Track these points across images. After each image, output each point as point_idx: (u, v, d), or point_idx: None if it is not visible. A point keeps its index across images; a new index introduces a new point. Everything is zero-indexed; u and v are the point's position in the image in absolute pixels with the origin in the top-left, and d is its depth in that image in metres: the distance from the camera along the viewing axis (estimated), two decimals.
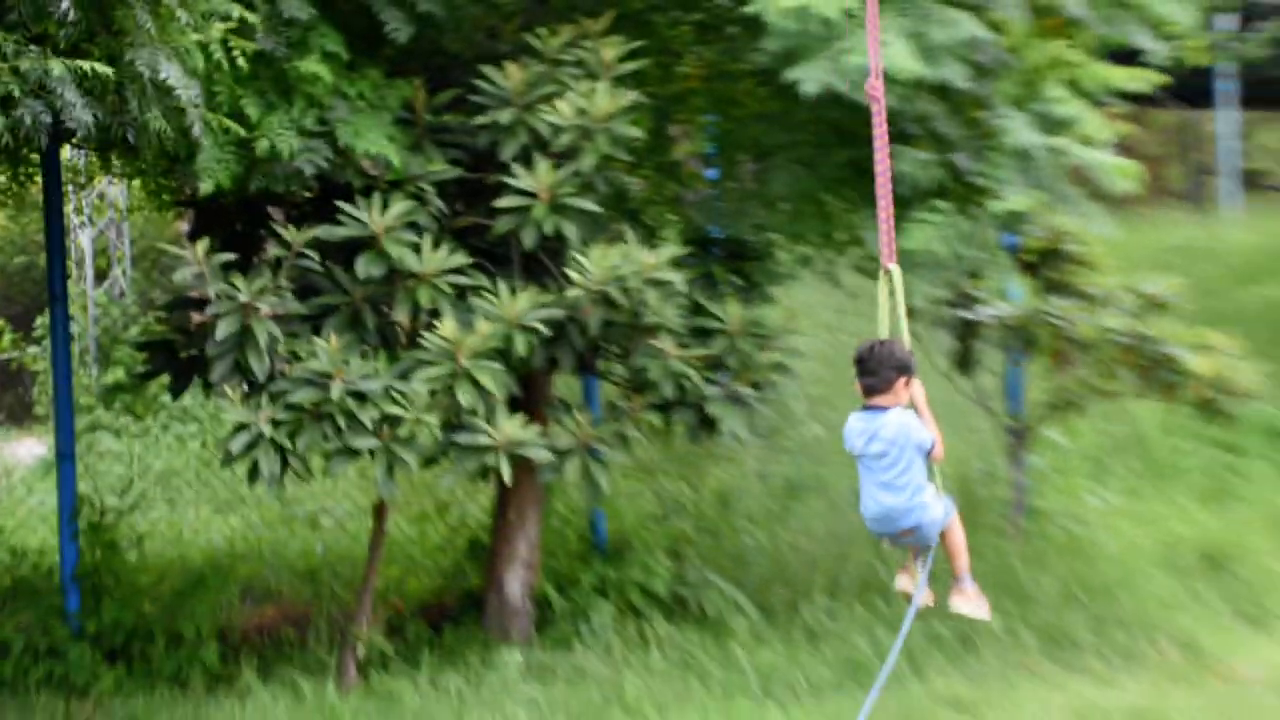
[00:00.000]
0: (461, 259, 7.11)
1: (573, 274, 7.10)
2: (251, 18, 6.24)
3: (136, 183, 10.28)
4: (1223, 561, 10.00)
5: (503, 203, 7.13)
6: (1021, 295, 9.70)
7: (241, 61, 6.25)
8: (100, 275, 18.76)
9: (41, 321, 16.61)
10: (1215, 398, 8.76)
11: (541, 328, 7.08)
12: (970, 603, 6.21)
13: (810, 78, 6.83)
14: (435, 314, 7.06)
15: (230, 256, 6.93)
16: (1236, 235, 16.21)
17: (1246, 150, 24.19)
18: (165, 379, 7.90)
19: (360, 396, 6.82)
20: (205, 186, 6.55)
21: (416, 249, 7.02)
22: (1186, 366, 8.69)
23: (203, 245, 6.84)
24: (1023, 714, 7.67)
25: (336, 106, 6.90)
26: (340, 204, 6.99)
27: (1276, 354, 12.61)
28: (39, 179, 9.16)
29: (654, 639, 8.29)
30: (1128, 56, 8.41)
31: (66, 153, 9.72)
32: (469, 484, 8.29)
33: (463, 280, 7.13)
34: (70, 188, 10.68)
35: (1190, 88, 18.61)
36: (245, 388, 6.94)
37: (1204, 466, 11.43)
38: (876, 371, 5.94)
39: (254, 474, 6.86)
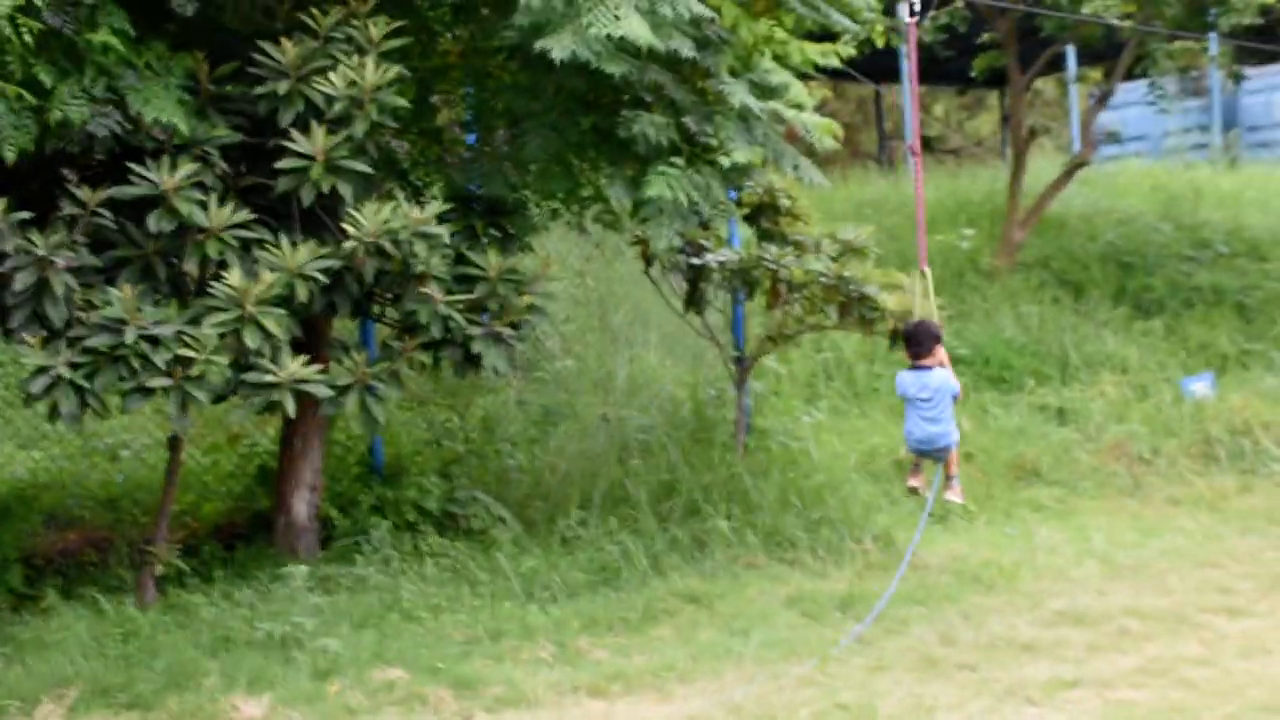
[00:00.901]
0: (246, 215, 6.97)
1: (348, 228, 7.02)
2: None
3: None
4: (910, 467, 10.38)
5: (283, 164, 6.99)
6: (741, 243, 9.90)
7: (28, 37, 6.00)
8: None
9: None
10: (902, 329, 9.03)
11: (320, 277, 7.00)
12: (956, 494, 8.21)
13: (558, 47, 6.86)
14: (223, 265, 6.91)
15: (26, 215, 6.64)
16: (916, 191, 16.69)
17: (923, 119, 25.10)
18: None
19: (154, 340, 6.64)
20: (8, 155, 6.27)
21: (204, 206, 6.85)
22: (879, 303, 8.94)
23: None
24: (748, 603, 7.90)
25: (126, 75, 6.66)
26: (132, 165, 6.77)
27: (949, 291, 13.17)
28: None
29: (428, 551, 8.26)
30: (829, 37, 8.64)
31: None
32: (258, 417, 8.13)
33: (247, 234, 6.98)
34: None
35: (879, 65, 19.17)
36: (45, 334, 6.70)
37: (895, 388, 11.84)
38: (922, 343, 7.88)
39: (54, 413, 6.63)
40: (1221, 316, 13.91)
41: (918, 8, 8.49)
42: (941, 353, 7.91)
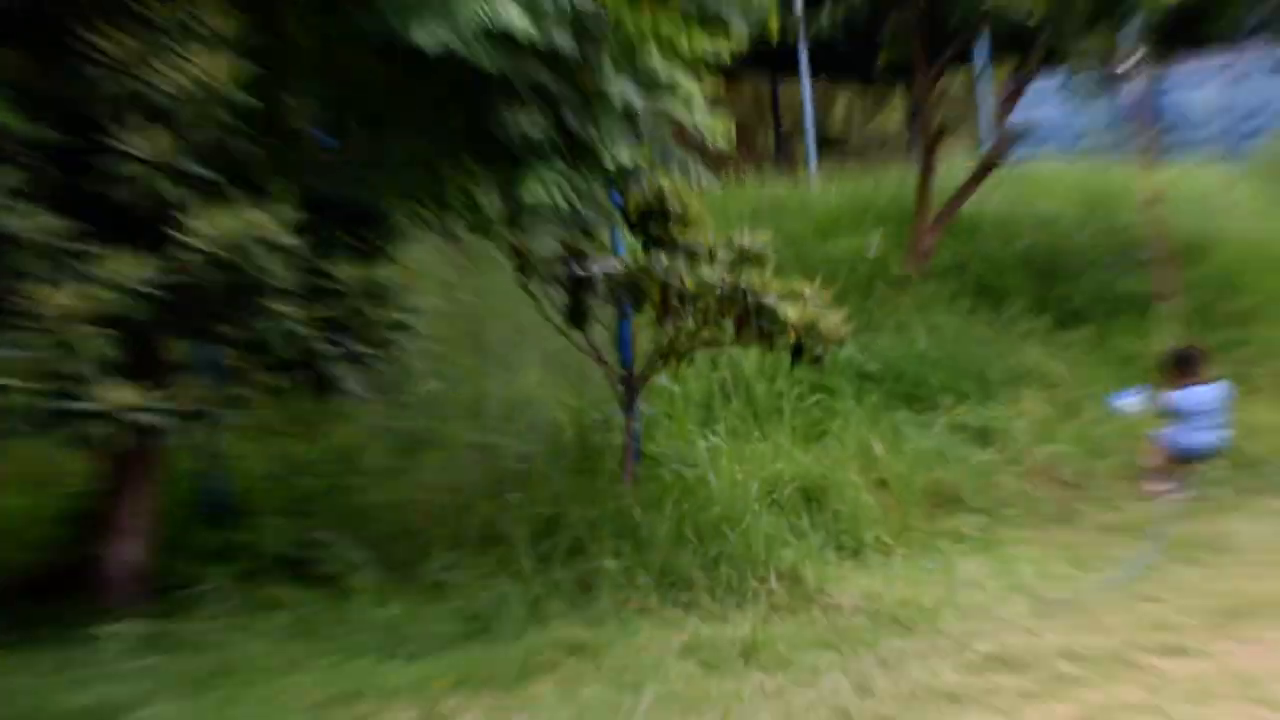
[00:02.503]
0: (68, 224, 6.67)
1: (185, 238, 6.78)
2: None
3: None
4: (819, 496, 10.42)
5: (112, 168, 6.73)
6: (627, 250, 9.86)
7: None
8: None
9: None
10: (807, 343, 9.06)
11: (154, 292, 6.74)
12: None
13: (429, 34, 6.79)
14: (35, 278, 6.61)
15: None
16: (818, 193, 16.92)
17: (823, 118, 25.51)
18: None
19: None
20: None
21: (17, 213, 6.54)
22: (780, 315, 8.95)
23: None
24: (640, 653, 7.76)
25: None
26: None
27: (856, 300, 13.25)
28: None
29: (274, 602, 8.06)
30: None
31: None
32: (75, 453, 7.86)
33: (63, 244, 6.70)
34: None
35: (778, 60, 19.33)
36: None
37: (800, 408, 11.87)
38: (1197, 363, 10.64)
39: None
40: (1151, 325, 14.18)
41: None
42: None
